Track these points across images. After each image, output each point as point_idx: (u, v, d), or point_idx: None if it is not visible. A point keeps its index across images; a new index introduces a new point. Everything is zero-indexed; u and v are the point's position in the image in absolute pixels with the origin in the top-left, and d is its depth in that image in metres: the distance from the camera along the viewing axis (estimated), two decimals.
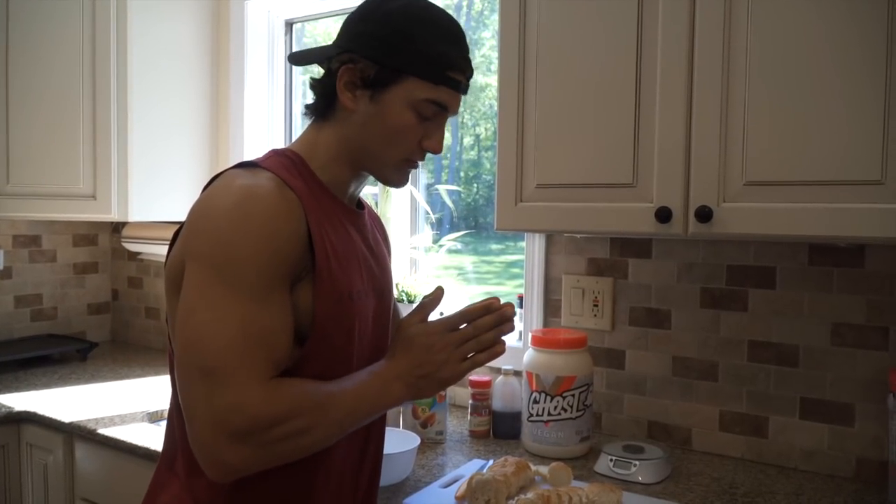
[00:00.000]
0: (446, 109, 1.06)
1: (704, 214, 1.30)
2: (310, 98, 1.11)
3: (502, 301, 1.05)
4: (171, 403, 1.09)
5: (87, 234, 2.82)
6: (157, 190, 2.32)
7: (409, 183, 1.73)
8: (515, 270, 2.49)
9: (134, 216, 2.26)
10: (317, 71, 1.11)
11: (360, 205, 1.20)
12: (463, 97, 1.09)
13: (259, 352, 0.92)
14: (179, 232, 1.04)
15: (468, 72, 1.07)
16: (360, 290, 1.06)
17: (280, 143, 2.54)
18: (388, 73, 1.02)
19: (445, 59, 1.03)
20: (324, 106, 1.08)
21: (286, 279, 0.96)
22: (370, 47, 1.02)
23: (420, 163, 1.10)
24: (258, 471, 0.95)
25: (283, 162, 1.04)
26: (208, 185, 1.03)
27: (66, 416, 1.87)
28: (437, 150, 1.07)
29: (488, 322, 1.02)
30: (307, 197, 1.00)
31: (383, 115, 1.03)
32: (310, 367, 1.00)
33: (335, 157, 1.07)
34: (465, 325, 1.03)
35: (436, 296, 1.06)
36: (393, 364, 1.02)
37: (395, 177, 1.10)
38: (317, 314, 0.98)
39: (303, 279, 0.98)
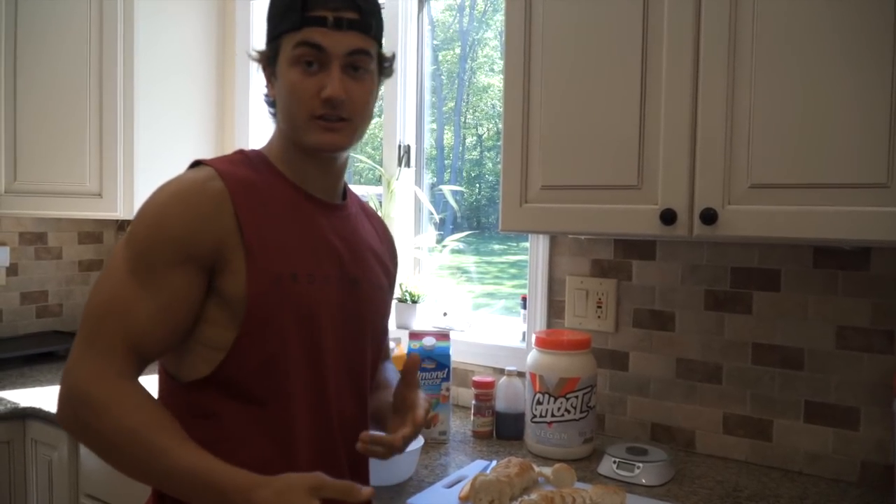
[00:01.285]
0: (322, 49, 1.03)
1: (709, 216, 1.30)
2: None
3: None
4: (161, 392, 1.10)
5: (93, 232, 2.82)
6: None
7: (397, 168, 1.71)
8: (514, 271, 2.50)
9: None
10: None
11: (345, 198, 1.19)
12: (360, 35, 1.05)
13: (115, 324, 0.97)
14: None
15: (334, 4, 1.03)
16: (313, 273, 1.06)
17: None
18: (271, 47, 1.08)
19: (296, 2, 1.03)
20: (272, 107, 1.14)
21: (178, 262, 0.99)
22: (266, 35, 1.10)
23: (343, 117, 1.05)
24: (80, 439, 0.99)
25: (235, 158, 1.10)
26: None
27: None
28: (333, 94, 1.03)
29: None
30: (248, 184, 1.04)
31: (280, 84, 1.07)
32: (249, 354, 1.01)
33: (283, 146, 1.12)
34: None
35: (358, 496, 0.92)
36: (245, 490, 0.91)
37: (312, 139, 1.06)
38: (249, 293, 1.00)
39: (230, 262, 1.00)
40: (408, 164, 2.29)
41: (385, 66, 1.13)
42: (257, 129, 2.53)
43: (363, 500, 0.92)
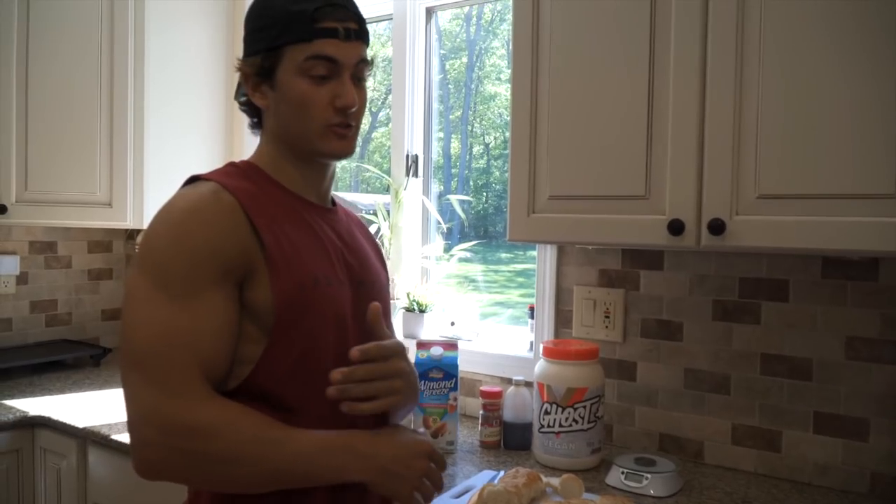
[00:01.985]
0: (336, 61, 1.05)
1: (717, 227, 1.30)
2: None
3: None
4: None
5: (102, 241, 2.84)
6: None
7: (405, 178, 1.71)
8: (521, 280, 2.50)
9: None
10: None
11: (334, 203, 1.22)
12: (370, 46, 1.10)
13: (182, 354, 0.95)
14: None
15: (341, 16, 1.05)
16: (329, 276, 1.07)
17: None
18: (269, 57, 1.06)
19: (304, 14, 1.03)
20: (253, 116, 1.15)
21: (219, 279, 0.98)
22: (248, 44, 1.09)
23: (352, 125, 1.09)
24: (182, 476, 0.98)
25: (229, 171, 1.10)
26: None
27: (79, 421, 1.88)
28: (349, 103, 1.06)
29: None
30: (253, 196, 1.04)
31: (285, 96, 1.06)
32: (278, 362, 1.01)
33: (278, 155, 1.11)
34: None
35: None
36: (371, 443, 1.01)
37: (327, 147, 1.09)
38: (277, 303, 1.00)
39: (255, 274, 1.00)
40: (415, 174, 2.30)
41: (370, 71, 1.15)
42: None
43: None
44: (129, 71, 2.23)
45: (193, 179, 1.07)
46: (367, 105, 1.16)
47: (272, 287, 1.00)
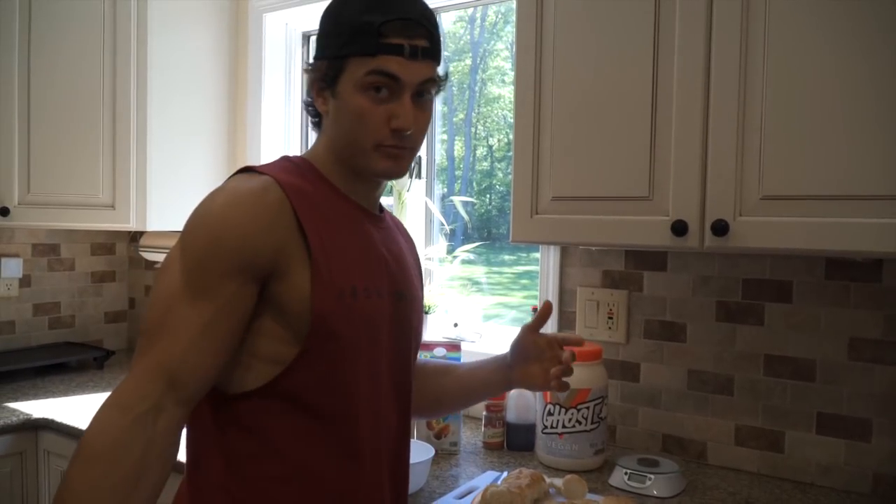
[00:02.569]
0: (397, 79, 1.00)
1: (721, 228, 1.31)
2: None
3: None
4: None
5: (105, 243, 2.84)
6: (175, 200, 2.34)
7: (408, 179, 1.70)
8: (525, 281, 2.50)
9: (152, 225, 2.29)
10: None
11: (381, 210, 1.19)
12: (435, 67, 1.04)
13: (163, 340, 0.93)
14: None
15: (410, 31, 1.00)
16: (368, 287, 1.04)
17: (297, 153, 2.56)
18: (333, 65, 1.02)
19: (372, 26, 0.99)
20: (312, 116, 1.13)
21: (240, 276, 0.96)
22: (318, 47, 1.06)
23: (407, 147, 1.05)
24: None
25: (285, 165, 1.06)
26: None
27: (83, 423, 1.88)
28: (404, 126, 1.01)
29: None
30: (305, 194, 1.01)
31: (344, 107, 1.03)
32: (310, 369, 0.99)
33: (332, 161, 1.08)
34: None
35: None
36: None
37: (377, 166, 1.05)
38: (315, 310, 0.97)
39: (287, 273, 0.97)
40: (419, 176, 2.30)
41: (441, 87, 1.10)
42: (269, 141, 2.54)
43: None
44: (132, 72, 2.23)
45: (248, 170, 1.04)
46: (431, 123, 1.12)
47: (313, 292, 0.97)
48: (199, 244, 0.96)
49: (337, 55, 1.02)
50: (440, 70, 1.08)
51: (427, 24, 1.02)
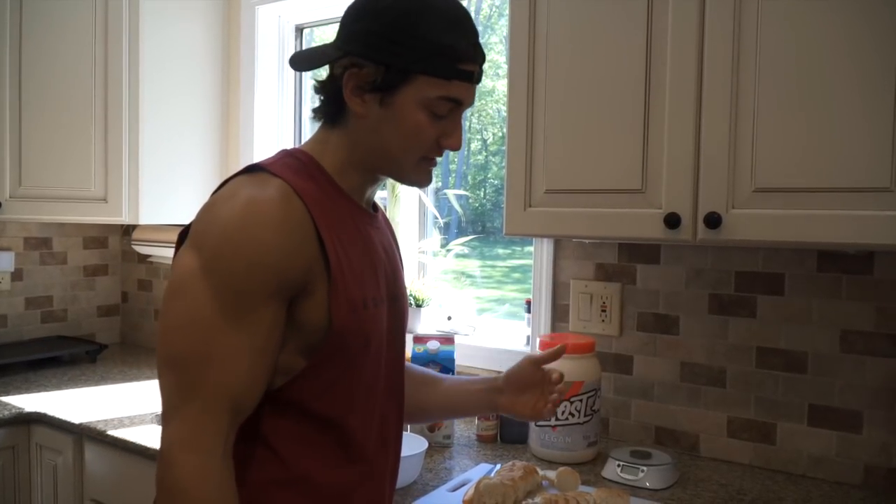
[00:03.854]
0: (461, 104, 1.00)
1: (713, 221, 1.31)
2: (318, 101, 1.08)
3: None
4: None
5: (98, 237, 2.83)
6: (168, 193, 2.33)
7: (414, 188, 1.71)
8: (517, 275, 2.50)
9: (144, 219, 2.28)
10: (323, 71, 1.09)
11: (375, 207, 1.17)
12: (477, 85, 1.03)
13: (214, 377, 0.90)
14: (184, 234, 1.02)
15: (480, 59, 1.00)
16: (374, 297, 1.04)
17: (290, 146, 2.56)
18: (395, 75, 0.96)
19: (453, 50, 0.96)
20: (333, 111, 1.04)
21: (278, 297, 0.93)
22: (373, 48, 0.96)
23: (438, 159, 1.06)
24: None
25: (292, 164, 1.01)
26: (217, 189, 1.02)
27: (75, 417, 1.88)
28: (456, 146, 1.02)
29: None
30: (319, 202, 0.98)
31: (396, 119, 0.99)
32: (317, 379, 0.98)
33: (348, 162, 1.04)
34: None
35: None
36: None
37: (416, 178, 1.06)
38: (333, 325, 0.96)
39: (313, 291, 0.96)
40: None
41: None
42: (262, 134, 2.53)
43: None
44: (124, 64, 2.22)
45: (254, 168, 1.00)
46: None
47: (332, 308, 0.96)
48: (232, 268, 0.91)
49: (405, 68, 0.96)
50: None
51: (482, 47, 1.01)
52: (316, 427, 1.00)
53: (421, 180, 1.07)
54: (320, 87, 1.05)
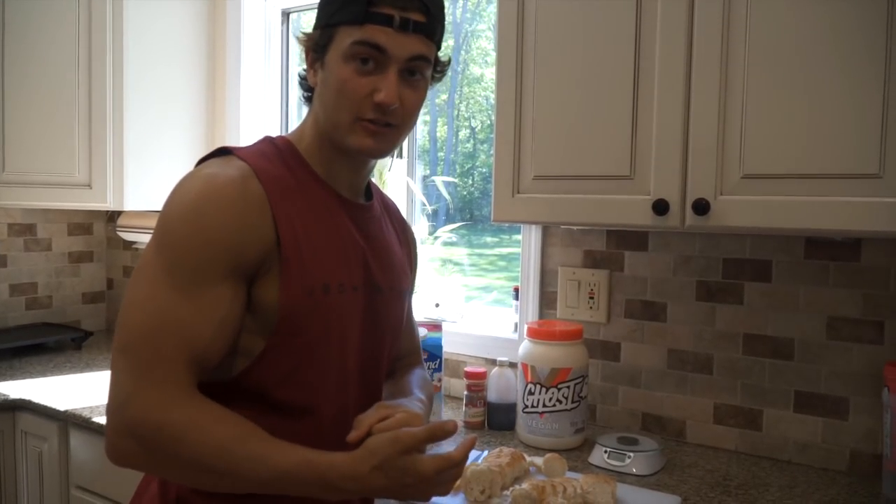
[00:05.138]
0: (383, 51, 0.96)
1: (701, 207, 1.31)
2: None
3: None
4: None
5: (83, 223, 2.81)
6: (153, 179, 2.31)
7: (389, 158, 1.68)
8: (504, 264, 2.50)
9: (129, 205, 2.25)
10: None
11: (369, 195, 1.15)
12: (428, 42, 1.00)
13: (172, 345, 0.90)
14: None
15: (402, 2, 0.96)
16: (343, 283, 1.02)
17: (276, 132, 2.54)
18: (324, 35, 0.99)
19: None
20: (309, 92, 1.07)
21: (233, 274, 0.93)
22: (317, 17, 1.02)
23: (392, 124, 1.00)
24: (151, 471, 0.95)
25: (265, 150, 1.01)
26: None
27: (61, 404, 1.86)
28: (388, 100, 0.96)
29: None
30: (285, 187, 0.98)
31: (328, 78, 0.99)
32: (276, 363, 0.97)
33: (317, 141, 1.04)
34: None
35: (445, 432, 0.94)
36: (354, 476, 0.90)
37: (354, 141, 1.00)
38: (281, 306, 0.95)
39: (268, 271, 0.96)
40: (400, 155, 2.28)
41: (438, 72, 1.07)
42: (248, 119, 2.51)
43: (452, 432, 0.94)
44: (108, 49, 2.19)
45: (224, 151, 1.00)
46: (422, 104, 1.06)
47: (281, 288, 0.95)
48: (185, 244, 0.92)
49: (327, 24, 0.99)
50: (441, 55, 1.05)
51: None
52: (278, 417, 0.99)
53: (361, 144, 1.00)
54: (301, 75, 1.08)
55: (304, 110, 1.11)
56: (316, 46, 1.01)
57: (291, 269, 0.96)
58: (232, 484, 0.91)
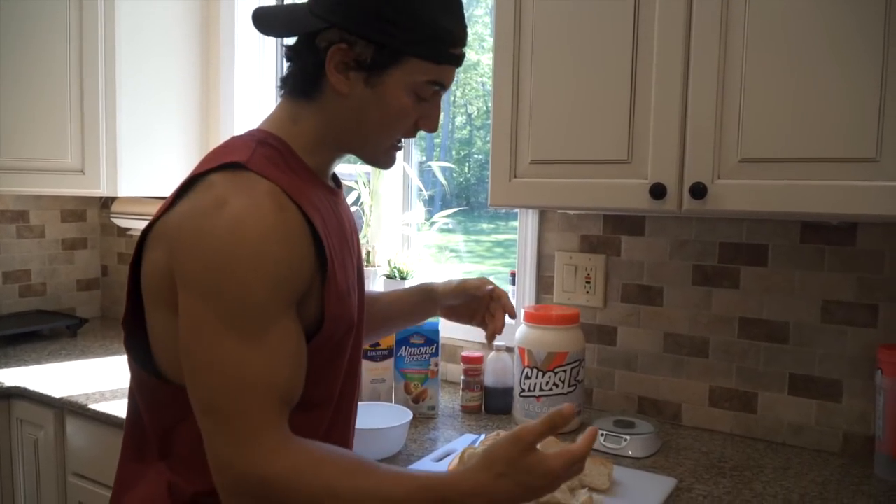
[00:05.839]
0: (445, 87, 0.99)
1: (699, 191, 1.31)
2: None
3: None
4: (133, 389, 1.04)
5: (76, 210, 2.79)
6: (147, 165, 2.29)
7: (399, 160, 1.70)
8: (501, 250, 2.50)
9: (123, 191, 2.24)
10: None
11: (336, 181, 1.14)
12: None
13: (259, 396, 0.85)
14: (149, 228, 0.96)
15: (465, 42, 0.98)
16: (352, 281, 1.03)
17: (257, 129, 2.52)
18: (387, 56, 0.92)
19: (448, 34, 0.94)
20: (308, 84, 0.97)
21: (290, 307, 0.90)
22: (365, 24, 0.91)
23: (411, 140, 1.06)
24: None
25: (271, 156, 0.95)
26: (188, 184, 0.93)
27: (56, 391, 1.86)
28: (433, 129, 1.01)
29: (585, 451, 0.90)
30: (306, 197, 0.94)
31: (382, 101, 0.95)
32: (309, 362, 0.96)
33: (321, 141, 1.00)
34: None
35: (564, 418, 0.89)
36: (476, 488, 0.85)
37: (384, 160, 1.03)
38: (326, 317, 0.94)
39: (312, 288, 0.93)
40: None
41: None
42: (242, 103, 2.50)
43: (572, 416, 0.89)
44: (100, 32, 2.16)
45: (233, 165, 0.91)
46: None
47: (326, 302, 0.94)
48: (245, 289, 0.85)
49: (399, 49, 0.92)
50: None
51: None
52: (294, 411, 0.96)
53: (388, 163, 1.05)
54: (295, 56, 0.98)
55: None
56: (366, 61, 0.93)
57: (330, 282, 0.94)
58: None
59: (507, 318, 1.30)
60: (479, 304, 1.31)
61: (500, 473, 0.85)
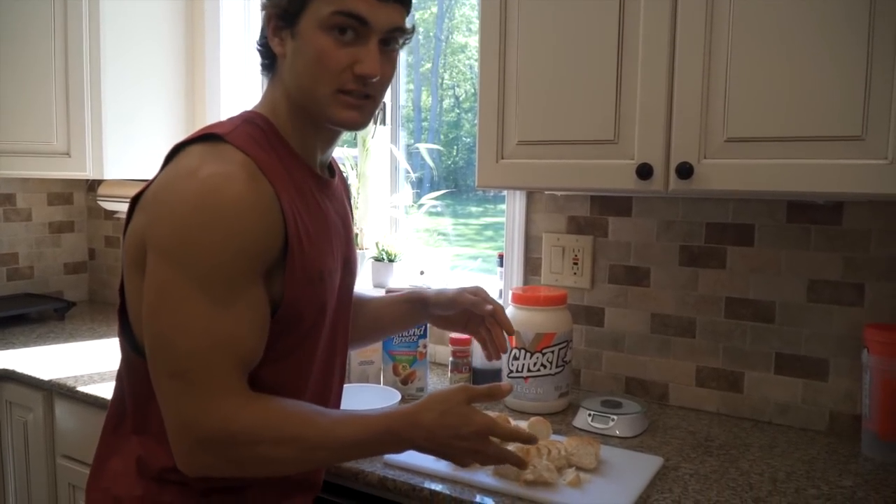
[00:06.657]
0: (364, 21, 0.95)
1: (685, 171, 1.31)
2: None
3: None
4: (120, 366, 1.08)
5: (62, 193, 2.77)
6: (133, 147, 2.27)
7: (372, 126, 1.67)
8: (490, 233, 2.50)
9: (109, 174, 2.22)
10: None
11: (332, 170, 1.15)
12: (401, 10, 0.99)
13: (225, 358, 0.90)
14: (137, 198, 1.00)
15: None
16: (331, 268, 1.04)
17: (257, 100, 2.50)
18: (295, 2, 0.95)
19: None
20: (266, 59, 1.04)
21: (257, 275, 0.93)
22: None
23: (370, 95, 1.00)
24: (232, 475, 0.96)
25: (253, 133, 0.98)
26: (172, 154, 0.98)
27: (45, 374, 1.86)
28: (370, 72, 0.96)
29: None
30: (281, 176, 0.96)
31: (302, 48, 0.96)
32: (271, 348, 0.98)
33: (290, 112, 1.02)
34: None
35: (502, 392, 1.07)
36: (417, 421, 0.97)
37: (336, 113, 0.99)
38: (286, 297, 0.96)
39: (277, 264, 0.95)
40: (383, 122, 2.26)
41: (407, 40, 1.05)
42: (228, 86, 2.47)
43: (508, 393, 1.06)
44: (84, 16, 2.13)
45: (211, 136, 0.96)
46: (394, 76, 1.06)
47: (287, 281, 0.95)
48: (215, 256, 0.89)
49: None
50: (408, 21, 1.03)
51: None
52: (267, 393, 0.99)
53: (343, 117, 0.99)
54: (259, 41, 1.05)
55: None
56: (284, 14, 0.96)
57: (295, 261, 0.96)
58: (308, 464, 0.99)
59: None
60: (472, 315, 1.32)
61: (434, 410, 0.97)
